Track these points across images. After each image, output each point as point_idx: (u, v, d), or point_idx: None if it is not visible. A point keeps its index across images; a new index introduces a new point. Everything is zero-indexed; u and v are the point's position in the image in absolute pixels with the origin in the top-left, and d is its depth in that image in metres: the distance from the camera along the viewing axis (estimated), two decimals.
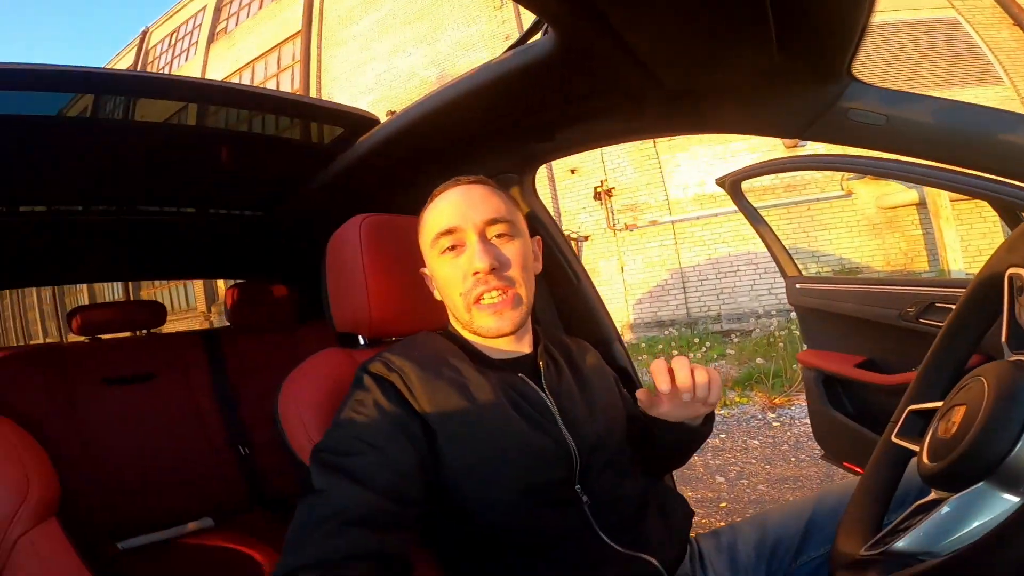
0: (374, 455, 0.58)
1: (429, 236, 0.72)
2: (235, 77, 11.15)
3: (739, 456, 2.88)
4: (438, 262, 0.71)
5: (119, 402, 1.53)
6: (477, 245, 0.67)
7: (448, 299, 0.73)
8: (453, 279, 0.70)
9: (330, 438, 0.61)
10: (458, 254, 0.69)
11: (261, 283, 1.87)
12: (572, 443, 0.67)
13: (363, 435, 0.59)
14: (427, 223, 0.73)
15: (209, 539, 1.47)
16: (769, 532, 0.75)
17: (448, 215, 0.70)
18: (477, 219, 0.69)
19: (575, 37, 0.66)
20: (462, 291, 0.69)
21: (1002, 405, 0.39)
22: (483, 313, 0.69)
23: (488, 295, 0.68)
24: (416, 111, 0.93)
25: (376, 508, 0.55)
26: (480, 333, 0.71)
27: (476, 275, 0.67)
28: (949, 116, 0.67)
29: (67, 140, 1.00)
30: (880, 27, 6.23)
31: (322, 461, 0.58)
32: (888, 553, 0.45)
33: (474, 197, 0.71)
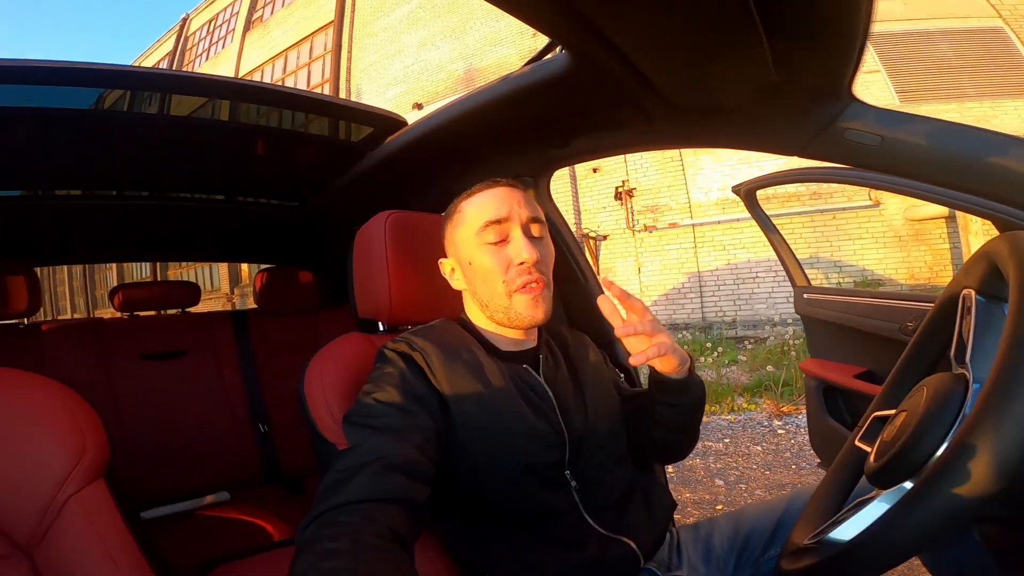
0: (402, 417, 0.64)
1: (474, 226, 0.75)
2: (268, 66, 11.33)
3: (740, 461, 2.90)
4: (481, 251, 0.74)
5: (152, 377, 1.63)
6: (523, 239, 0.73)
7: (485, 287, 0.76)
8: (496, 268, 0.73)
9: (360, 405, 0.66)
10: (502, 246, 0.74)
11: (288, 269, 1.95)
12: (565, 431, 0.74)
13: (391, 401, 0.65)
14: (470, 214, 0.76)
15: (225, 511, 1.55)
16: (743, 526, 0.81)
17: (496, 207, 0.74)
18: (523, 215, 0.75)
19: (586, 57, 0.71)
20: (504, 279, 0.73)
21: (933, 412, 0.44)
22: (523, 300, 0.73)
23: (529, 285, 0.73)
24: (441, 116, 1.00)
25: (409, 458, 0.60)
26: (515, 322, 0.75)
27: (521, 265, 0.72)
28: (942, 138, 0.69)
29: (103, 131, 1.07)
30: (922, 35, 6.09)
31: (354, 422, 0.64)
32: (822, 542, 0.50)
33: (518, 196, 0.76)
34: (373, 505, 0.54)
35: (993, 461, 0.38)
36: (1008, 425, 0.38)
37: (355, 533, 0.49)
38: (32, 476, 0.60)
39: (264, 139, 1.21)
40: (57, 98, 0.94)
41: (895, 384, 0.60)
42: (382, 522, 0.52)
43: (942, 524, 0.41)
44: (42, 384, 0.66)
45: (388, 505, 0.55)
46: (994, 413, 0.39)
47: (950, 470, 0.41)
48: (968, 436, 0.40)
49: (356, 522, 0.51)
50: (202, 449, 1.64)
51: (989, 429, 0.39)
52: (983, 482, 0.39)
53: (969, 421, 0.41)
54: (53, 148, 1.10)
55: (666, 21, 0.56)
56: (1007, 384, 0.39)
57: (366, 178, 1.30)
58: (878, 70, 6.01)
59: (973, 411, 0.41)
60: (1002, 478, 0.39)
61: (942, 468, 0.41)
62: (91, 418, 0.67)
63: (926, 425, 0.44)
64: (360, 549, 0.47)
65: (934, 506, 0.41)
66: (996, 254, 0.49)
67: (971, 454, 0.40)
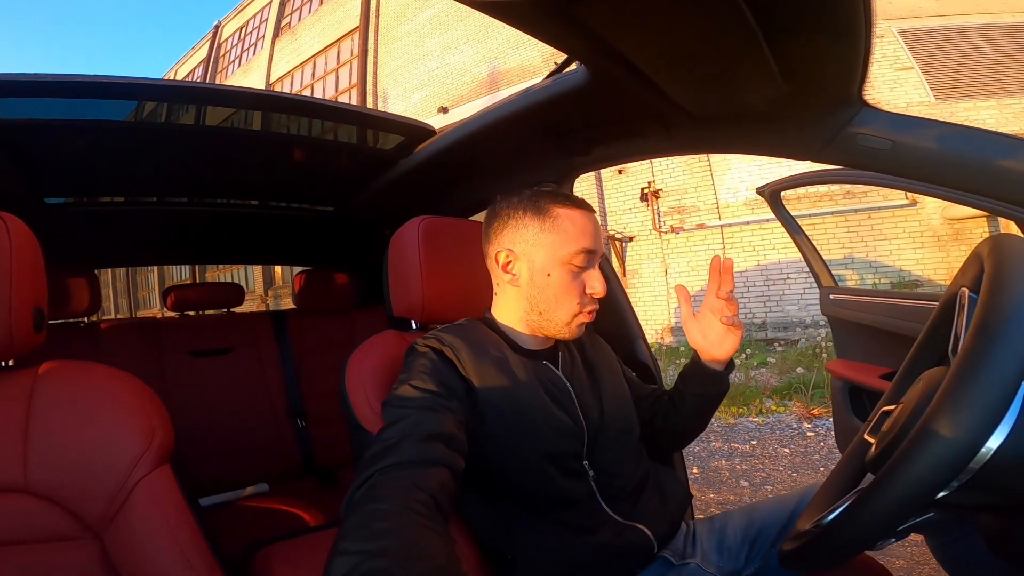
0: (436, 400, 0.68)
1: (572, 246, 0.77)
2: (297, 72, 11.57)
3: (767, 463, 2.88)
4: (562, 269, 0.78)
5: (200, 373, 1.73)
6: (599, 273, 0.80)
7: (550, 301, 0.79)
8: (573, 291, 0.78)
9: (397, 393, 0.70)
10: (582, 272, 0.79)
11: (325, 271, 2.04)
12: (584, 423, 0.79)
13: (425, 388, 0.70)
14: (569, 231, 0.78)
15: (264, 502, 1.62)
16: (756, 519, 0.84)
17: (596, 238, 0.80)
18: (602, 250, 0.82)
19: (602, 71, 0.75)
20: (579, 302, 0.79)
21: (921, 403, 0.47)
22: (580, 323, 0.80)
23: (592, 312, 0.81)
24: (468, 127, 1.06)
25: (448, 432, 0.64)
26: (562, 334, 0.81)
27: (592, 295, 0.79)
28: (953, 141, 0.70)
29: (143, 141, 1.14)
30: (956, 31, 5.89)
31: (393, 405, 0.68)
32: (818, 525, 0.54)
33: (599, 228, 0.82)
34: (420, 468, 0.58)
35: (948, 444, 0.41)
36: (964, 409, 0.41)
37: (402, 498, 0.52)
38: (107, 457, 0.65)
39: (299, 148, 1.28)
40: (98, 110, 1.01)
41: (902, 379, 0.63)
42: (426, 488, 0.55)
43: (903, 505, 0.44)
44: (115, 374, 0.72)
45: (434, 468, 0.58)
46: (951, 398, 0.42)
47: (910, 453, 0.43)
48: (927, 421, 0.43)
49: (404, 486, 0.54)
50: (244, 442, 1.73)
51: (946, 413, 0.42)
52: (940, 465, 0.41)
53: (931, 407, 0.43)
54: (97, 158, 1.17)
55: (673, 39, 0.60)
56: (965, 371, 0.42)
57: (398, 185, 1.37)
58: (911, 67, 5.84)
59: (935, 397, 0.44)
60: (958, 461, 0.41)
61: (904, 452, 0.44)
62: (158, 405, 0.72)
63: (915, 415, 0.47)
64: (406, 513, 0.50)
65: (895, 488, 0.44)
66: (982, 254, 0.52)
67: (928, 438, 0.42)
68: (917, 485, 0.43)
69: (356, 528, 0.49)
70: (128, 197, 1.48)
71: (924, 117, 0.74)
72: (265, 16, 12.78)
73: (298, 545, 1.19)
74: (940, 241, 5.74)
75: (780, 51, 0.61)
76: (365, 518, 0.50)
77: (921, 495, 0.43)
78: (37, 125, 0.99)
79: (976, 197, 0.83)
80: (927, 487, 0.43)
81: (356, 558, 0.45)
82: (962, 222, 5.65)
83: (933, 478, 0.42)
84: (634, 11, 0.54)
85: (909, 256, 5.83)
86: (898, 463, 0.44)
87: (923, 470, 0.42)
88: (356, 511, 0.52)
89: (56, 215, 1.39)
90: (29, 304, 0.65)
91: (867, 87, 0.73)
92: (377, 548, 0.46)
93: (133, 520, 0.65)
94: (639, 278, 7.06)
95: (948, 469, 0.42)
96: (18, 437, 0.63)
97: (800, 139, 0.82)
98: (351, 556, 0.45)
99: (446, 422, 0.66)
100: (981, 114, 5.60)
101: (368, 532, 0.48)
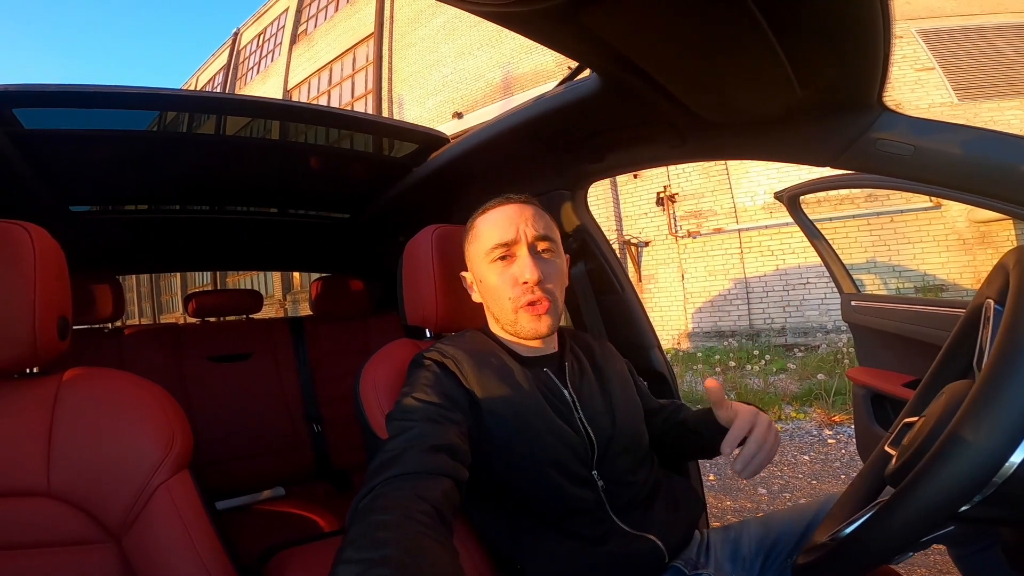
0: (439, 411, 0.69)
1: (485, 245, 0.79)
2: (314, 78, 11.71)
3: (786, 470, 2.83)
4: (489, 269, 0.79)
5: (219, 378, 1.76)
6: (528, 258, 0.77)
7: (494, 302, 0.81)
8: (503, 286, 0.78)
9: (400, 404, 0.71)
10: (508, 264, 0.78)
11: (342, 278, 2.06)
12: (591, 433, 0.78)
13: (428, 400, 0.70)
14: (483, 233, 0.80)
15: (280, 506, 1.64)
16: (772, 529, 0.82)
17: (504, 228, 0.78)
18: (530, 234, 0.78)
19: (614, 78, 0.75)
20: (511, 296, 0.78)
21: (945, 417, 0.46)
22: (527, 317, 0.78)
23: (532, 303, 0.77)
24: (481, 135, 1.06)
25: (450, 442, 0.64)
26: (520, 334, 0.80)
27: (524, 284, 0.77)
28: (978, 146, 0.68)
29: (164, 151, 1.17)
30: (977, 30, 5.76)
31: (396, 418, 0.68)
32: (834, 538, 0.52)
33: (527, 214, 0.79)
34: (422, 479, 0.58)
35: (972, 459, 0.40)
36: (988, 425, 0.40)
37: (405, 507, 0.53)
38: (127, 463, 0.66)
39: (316, 156, 1.30)
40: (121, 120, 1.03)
41: (924, 391, 0.61)
42: (429, 498, 0.55)
43: (923, 520, 0.43)
44: (136, 381, 0.74)
45: (436, 479, 0.59)
46: (975, 413, 0.41)
47: (932, 467, 0.42)
48: (950, 435, 0.42)
49: (407, 496, 0.55)
50: (261, 446, 1.75)
51: (970, 428, 0.40)
52: (963, 480, 0.40)
53: (955, 421, 0.42)
54: (121, 167, 1.20)
55: (684, 44, 0.59)
56: (990, 386, 0.41)
57: (412, 192, 1.38)
58: (932, 67, 5.73)
59: (960, 411, 0.42)
60: (981, 476, 0.40)
61: (926, 466, 0.43)
62: (178, 412, 0.74)
63: (938, 429, 0.46)
64: (408, 523, 0.51)
65: (916, 502, 0.43)
66: (1008, 264, 0.50)
67: (951, 452, 0.41)
68: (938, 500, 0.42)
69: (359, 537, 0.49)
70: (151, 205, 1.52)
71: (947, 121, 0.72)
72: (282, 23, 12.96)
73: (312, 551, 1.20)
74: (965, 244, 5.60)
75: (796, 55, 0.60)
76: (368, 528, 0.51)
77: (942, 510, 0.42)
78: (63, 135, 1.01)
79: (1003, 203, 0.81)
80: (949, 502, 0.42)
81: (359, 567, 0.45)
82: (988, 224, 5.51)
83: (955, 493, 0.41)
84: (644, 17, 0.54)
85: (934, 260, 5.69)
86: (920, 477, 0.43)
87: (945, 485, 0.41)
88: (359, 521, 0.53)
89: (81, 223, 1.42)
90: (54, 313, 0.67)
91: (887, 90, 0.71)
92: (379, 557, 0.46)
93: (152, 525, 0.66)
94: (655, 283, 7.01)
95: (971, 484, 0.41)
96: (42, 442, 0.65)
97: (817, 145, 0.81)
98: (354, 565, 0.46)
99: (449, 433, 0.66)
100: (1005, 114, 5.47)
101: (371, 541, 0.48)
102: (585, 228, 1.21)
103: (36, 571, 0.63)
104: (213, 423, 1.69)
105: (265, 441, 1.77)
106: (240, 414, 1.75)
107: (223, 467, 1.68)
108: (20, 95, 0.89)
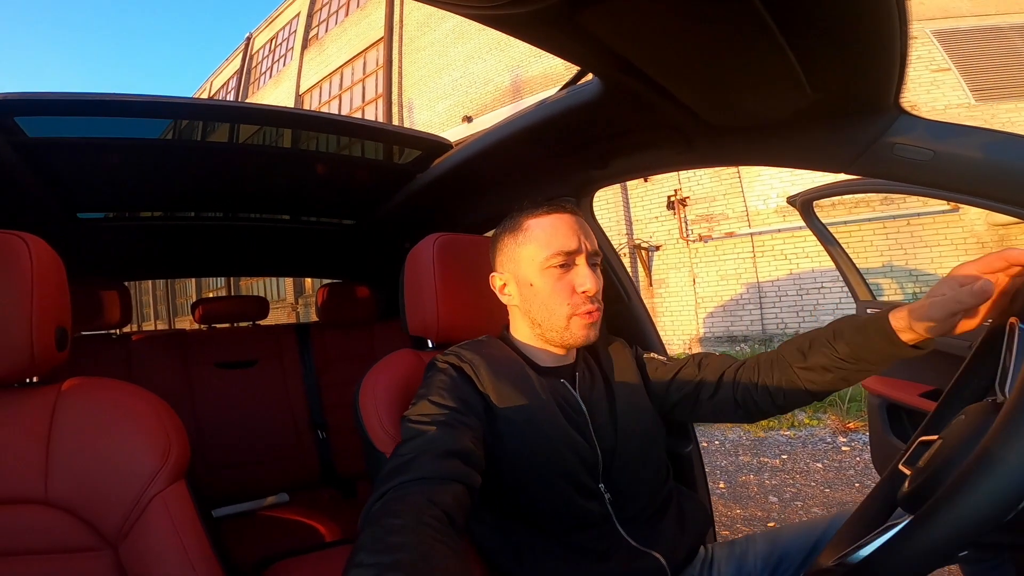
0: (454, 416, 0.69)
1: (544, 251, 0.78)
2: (326, 83, 11.80)
3: (798, 478, 2.78)
4: (543, 275, 0.78)
5: (226, 384, 1.76)
6: (587, 270, 0.78)
7: (543, 308, 0.79)
8: (559, 292, 0.78)
9: (415, 408, 0.71)
10: (566, 272, 0.78)
11: (348, 284, 2.06)
12: (597, 444, 0.76)
13: (443, 404, 0.70)
14: (539, 239, 0.79)
15: (283, 512, 1.64)
16: (779, 546, 0.79)
17: (568, 237, 0.78)
18: (589, 247, 0.79)
19: (616, 82, 0.73)
20: (569, 303, 0.77)
21: (965, 440, 0.43)
22: (580, 323, 0.78)
23: (590, 312, 0.78)
24: (484, 141, 1.04)
25: (464, 448, 0.64)
26: (567, 341, 0.80)
27: (584, 293, 0.77)
28: (1000, 151, 0.64)
29: (178, 159, 1.17)
30: (994, 30, 5.66)
31: (412, 420, 0.68)
32: (842, 564, 0.50)
33: (585, 228, 0.81)
34: (435, 484, 0.58)
35: (998, 489, 0.37)
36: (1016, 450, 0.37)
37: (417, 513, 0.53)
38: (124, 473, 0.66)
39: (322, 163, 1.30)
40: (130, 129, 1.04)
41: (942, 410, 0.58)
42: (441, 504, 0.55)
43: (941, 550, 0.40)
44: (135, 391, 0.74)
45: (449, 484, 0.59)
46: (1004, 438, 0.38)
47: (953, 494, 0.40)
48: (975, 464, 0.39)
49: (420, 502, 0.55)
50: (267, 453, 1.75)
51: (999, 452, 0.38)
52: (984, 506, 0.38)
53: (983, 444, 0.40)
54: (128, 174, 1.21)
55: (685, 46, 0.57)
56: (1020, 410, 0.38)
57: (416, 199, 1.37)
58: (948, 68, 5.63)
59: (986, 436, 0.40)
60: (1006, 506, 0.37)
61: (947, 492, 0.40)
62: (176, 423, 0.74)
63: (956, 453, 0.43)
64: (421, 528, 0.51)
65: (935, 529, 0.40)
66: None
67: (978, 479, 0.39)
68: (959, 530, 0.40)
69: (371, 541, 0.49)
70: (159, 212, 1.53)
71: (968, 124, 0.68)
72: (294, 28, 13.04)
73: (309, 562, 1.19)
74: (984, 248, 5.48)
75: (806, 57, 0.57)
76: (380, 532, 0.51)
77: (962, 540, 0.40)
78: (68, 143, 1.02)
79: None
80: (970, 532, 0.39)
81: (371, 570, 0.45)
82: (1007, 228, 5.39)
83: (979, 521, 0.39)
84: (643, 18, 0.52)
85: (952, 264, 5.36)
86: (940, 504, 0.41)
87: (970, 512, 0.39)
88: (372, 525, 0.53)
89: (88, 230, 1.43)
90: (51, 324, 0.67)
91: (904, 92, 0.68)
92: (391, 561, 0.46)
93: (147, 534, 0.66)
94: (666, 287, 6.95)
95: (998, 511, 0.38)
96: (41, 451, 0.66)
97: (830, 150, 0.78)
98: (366, 568, 0.46)
99: (463, 438, 0.66)
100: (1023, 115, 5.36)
101: (383, 545, 0.48)
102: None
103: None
104: (219, 429, 1.69)
105: (270, 447, 1.76)
106: (246, 420, 1.75)
107: (229, 472, 1.68)
108: (21, 104, 0.89)
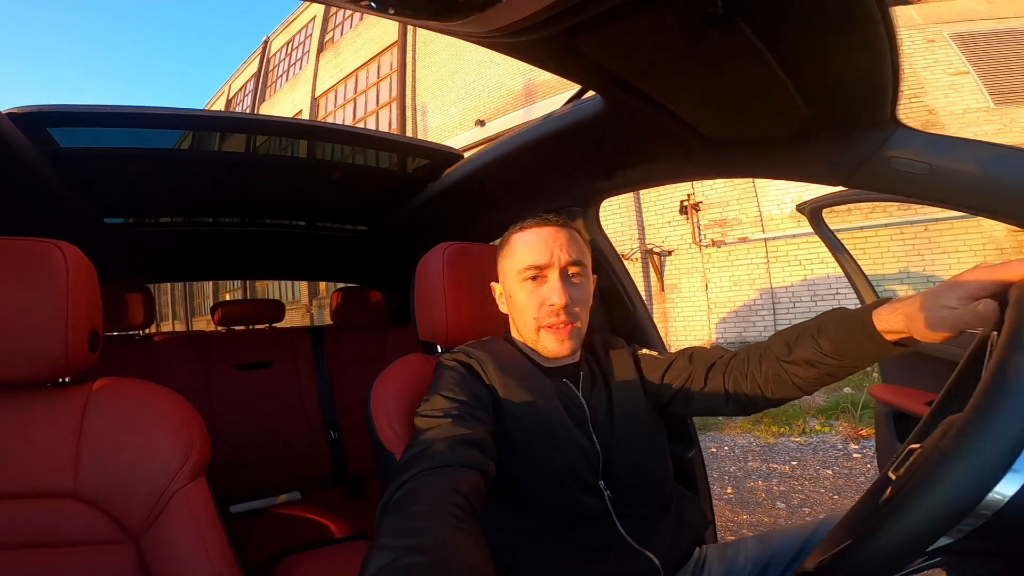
0: (466, 408, 0.71)
1: (518, 264, 0.82)
2: (340, 86, 11.85)
3: (807, 485, 2.76)
4: (519, 287, 0.82)
5: (243, 385, 1.82)
6: (558, 283, 0.79)
7: (520, 318, 0.84)
8: (530, 305, 0.81)
9: (428, 404, 0.73)
10: (538, 285, 0.81)
11: (361, 289, 2.12)
12: (596, 441, 0.79)
13: (455, 398, 0.73)
14: (517, 252, 0.83)
15: (295, 510, 1.69)
16: (768, 548, 0.81)
17: (539, 251, 0.80)
18: (563, 259, 0.80)
19: (617, 99, 0.76)
20: (535, 316, 0.81)
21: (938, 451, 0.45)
22: (549, 337, 0.81)
23: (556, 326, 0.80)
24: (493, 152, 1.08)
25: (480, 438, 0.67)
26: (541, 352, 0.84)
27: (551, 307, 0.79)
28: (997, 165, 0.65)
29: (197, 167, 1.22)
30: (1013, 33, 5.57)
31: (425, 415, 0.71)
32: (824, 566, 0.52)
33: (562, 239, 0.82)
34: (455, 471, 0.60)
35: (946, 493, 0.39)
36: (967, 457, 0.39)
37: (440, 500, 0.54)
38: (149, 468, 0.70)
39: (338, 171, 1.34)
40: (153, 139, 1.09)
41: (931, 418, 0.60)
42: (462, 491, 0.56)
43: (896, 554, 0.42)
44: (161, 392, 0.78)
45: (468, 472, 0.61)
46: (956, 446, 0.40)
47: (909, 500, 0.42)
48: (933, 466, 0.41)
49: (441, 489, 0.56)
50: (281, 452, 1.81)
51: (949, 461, 0.40)
52: (939, 511, 0.40)
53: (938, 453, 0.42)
54: (152, 182, 1.26)
55: (681, 71, 0.59)
56: (973, 419, 0.40)
57: (428, 207, 1.41)
58: (967, 71, 5.54)
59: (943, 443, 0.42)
60: (959, 508, 0.39)
61: (906, 497, 0.42)
62: (199, 423, 0.78)
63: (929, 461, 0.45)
64: (443, 514, 0.52)
65: (892, 533, 0.42)
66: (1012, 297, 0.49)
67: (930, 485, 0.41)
68: (916, 531, 0.42)
69: (394, 526, 0.51)
70: (180, 218, 1.59)
71: (965, 138, 0.70)
72: (310, 31, 13.12)
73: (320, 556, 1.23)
74: (1004, 254, 5.37)
75: (797, 76, 0.59)
76: (403, 518, 0.52)
77: (920, 541, 0.42)
78: (96, 152, 1.07)
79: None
80: (927, 533, 0.41)
81: (394, 553, 0.46)
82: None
83: (934, 524, 0.41)
84: (641, 44, 0.54)
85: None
86: (894, 510, 0.43)
87: (923, 516, 0.41)
88: (394, 512, 0.54)
89: (114, 235, 1.49)
90: (85, 327, 0.71)
91: (900, 106, 0.69)
92: (415, 544, 0.47)
93: (168, 528, 0.70)
94: (678, 292, 6.92)
95: (950, 516, 0.40)
96: (71, 447, 0.69)
97: (829, 163, 0.79)
98: (390, 551, 0.46)
99: (478, 429, 0.68)
100: None
101: (407, 530, 0.49)
102: (596, 245, 1.22)
103: (59, 569, 0.67)
104: (235, 428, 1.74)
105: (284, 447, 1.81)
106: (261, 420, 1.80)
107: (243, 471, 1.73)
108: (54, 115, 0.94)
